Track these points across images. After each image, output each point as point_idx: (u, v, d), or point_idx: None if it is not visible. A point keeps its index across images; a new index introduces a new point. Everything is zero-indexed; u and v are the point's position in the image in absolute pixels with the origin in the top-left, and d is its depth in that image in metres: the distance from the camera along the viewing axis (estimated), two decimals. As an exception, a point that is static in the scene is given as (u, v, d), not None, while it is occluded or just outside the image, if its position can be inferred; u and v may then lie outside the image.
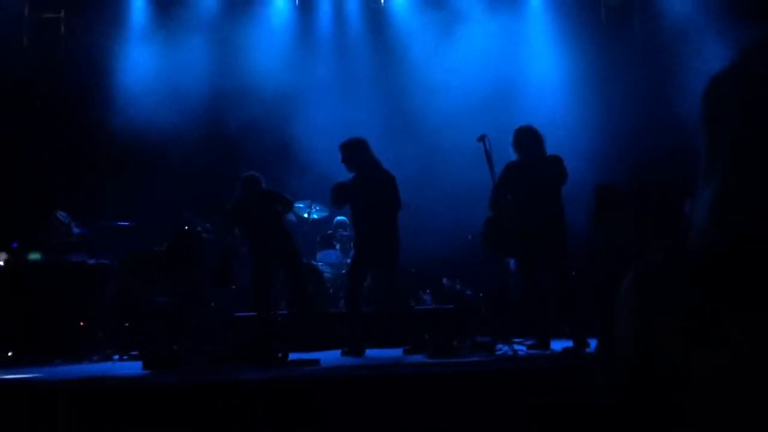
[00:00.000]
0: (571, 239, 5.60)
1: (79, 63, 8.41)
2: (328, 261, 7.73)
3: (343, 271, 7.62)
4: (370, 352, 5.85)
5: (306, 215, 7.82)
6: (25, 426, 3.85)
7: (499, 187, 5.60)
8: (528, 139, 5.64)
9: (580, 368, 4.29)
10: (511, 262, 7.01)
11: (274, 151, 8.19)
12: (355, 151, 6.01)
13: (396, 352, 5.75)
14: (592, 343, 5.32)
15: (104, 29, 8.63)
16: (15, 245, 6.58)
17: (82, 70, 8.48)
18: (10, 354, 6.16)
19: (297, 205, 7.86)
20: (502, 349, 5.21)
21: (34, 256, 6.55)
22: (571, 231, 5.61)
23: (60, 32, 8.56)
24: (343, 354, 5.74)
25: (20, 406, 3.99)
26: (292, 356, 5.41)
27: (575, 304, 5.52)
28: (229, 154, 8.40)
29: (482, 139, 5.51)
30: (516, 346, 5.18)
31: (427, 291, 7.62)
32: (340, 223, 7.96)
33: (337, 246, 7.79)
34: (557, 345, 5.38)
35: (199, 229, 7.22)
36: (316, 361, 5.14)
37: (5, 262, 6.51)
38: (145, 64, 8.76)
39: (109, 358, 6.38)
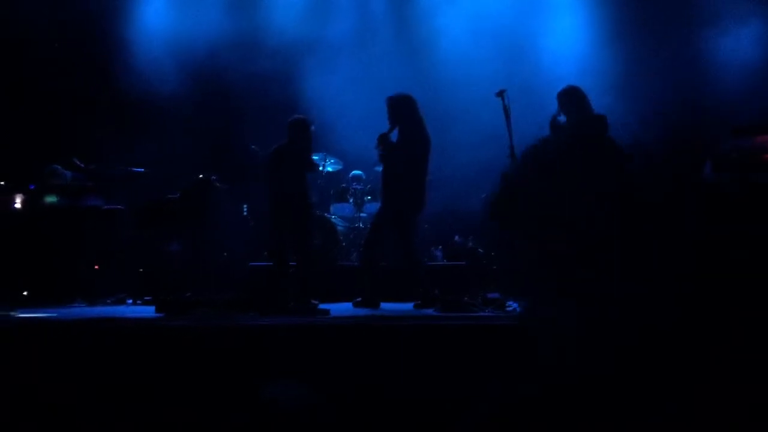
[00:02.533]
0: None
1: (95, 11, 8.35)
2: (341, 214, 7.73)
3: (357, 225, 7.63)
4: (381, 305, 5.87)
5: (320, 168, 7.80)
6: (40, 363, 3.93)
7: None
8: (571, 99, 5.42)
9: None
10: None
11: (289, 104, 8.13)
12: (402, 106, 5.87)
13: (406, 306, 5.78)
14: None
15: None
16: (32, 187, 6.63)
17: (98, 18, 8.44)
18: (25, 293, 6.25)
19: (312, 157, 7.84)
20: (513, 305, 5.22)
21: (51, 198, 6.59)
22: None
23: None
24: (356, 305, 5.76)
25: (35, 344, 4.06)
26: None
27: None
28: (245, 105, 8.37)
29: (501, 94, 5.43)
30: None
31: (439, 247, 7.62)
32: (355, 177, 7.94)
33: (351, 200, 7.77)
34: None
35: (213, 177, 7.23)
36: (326, 312, 5.18)
37: (22, 203, 6.57)
38: (160, 12, 8.69)
39: (122, 302, 6.47)
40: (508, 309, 5.14)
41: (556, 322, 3.71)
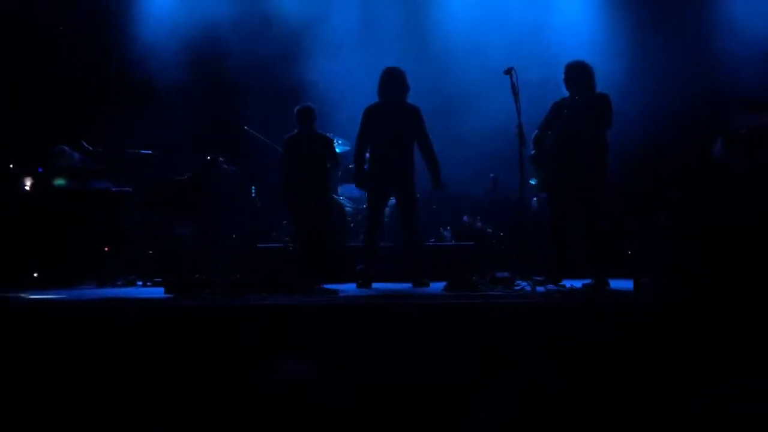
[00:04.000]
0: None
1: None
2: (349, 195, 7.72)
3: (364, 206, 7.62)
4: (381, 286, 5.90)
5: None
6: (50, 343, 3.96)
7: (543, 124, 5.59)
8: (578, 74, 5.48)
9: (598, 305, 4.31)
10: (533, 200, 6.99)
11: (295, 85, 8.10)
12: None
13: (406, 287, 5.80)
14: (613, 282, 5.32)
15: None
16: (41, 170, 6.64)
17: (105, 2, 8.42)
18: (35, 275, 6.29)
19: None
20: (521, 284, 5.21)
21: (59, 181, 6.61)
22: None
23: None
24: (359, 286, 5.79)
25: (45, 325, 4.09)
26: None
27: (599, 246, 5.47)
28: (251, 87, 8.34)
29: (509, 72, 5.38)
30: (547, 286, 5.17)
31: (448, 228, 7.62)
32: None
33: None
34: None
35: (221, 159, 7.23)
36: (335, 292, 5.19)
37: (31, 186, 6.59)
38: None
39: (132, 284, 6.50)
40: (516, 288, 5.14)
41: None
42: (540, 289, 5.05)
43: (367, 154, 6.09)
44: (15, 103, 7.90)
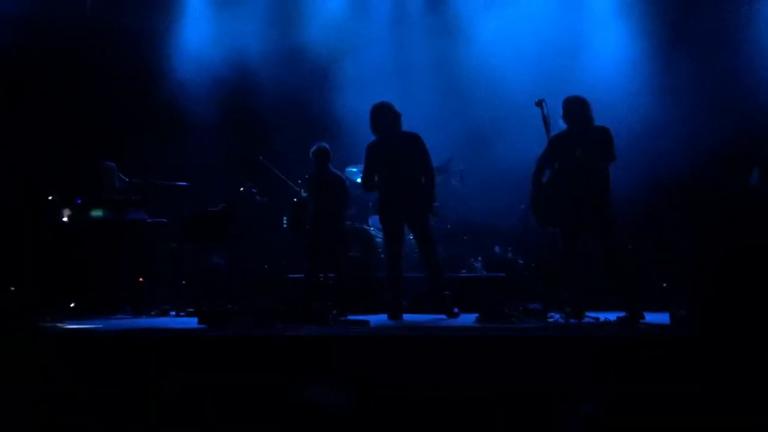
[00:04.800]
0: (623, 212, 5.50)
1: (138, 25, 8.55)
2: (379, 226, 7.74)
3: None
4: (411, 317, 5.88)
5: (359, 180, 7.83)
6: (86, 371, 4.01)
7: (541, 160, 5.55)
8: (575, 109, 5.51)
9: (634, 337, 4.24)
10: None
11: (328, 116, 8.19)
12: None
13: (436, 318, 5.79)
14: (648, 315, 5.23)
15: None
16: (78, 201, 6.79)
17: (141, 32, 8.63)
18: (72, 305, 6.39)
19: (350, 169, 7.90)
20: (554, 316, 5.16)
21: (96, 212, 6.75)
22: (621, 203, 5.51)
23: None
24: (390, 318, 5.79)
25: (82, 354, 4.15)
26: (342, 318, 5.49)
27: (626, 276, 5.40)
28: (286, 120, 8.45)
29: (540, 103, 5.39)
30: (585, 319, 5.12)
31: (479, 259, 7.58)
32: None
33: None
34: (611, 316, 5.29)
35: (253, 190, 7.32)
36: (365, 322, 5.19)
37: (69, 218, 6.73)
38: (203, 27, 8.86)
39: (166, 314, 6.57)
40: (549, 320, 5.08)
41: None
42: (573, 321, 4.99)
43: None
44: (53, 136, 8.09)
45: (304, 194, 6.84)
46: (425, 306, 6.22)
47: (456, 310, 5.81)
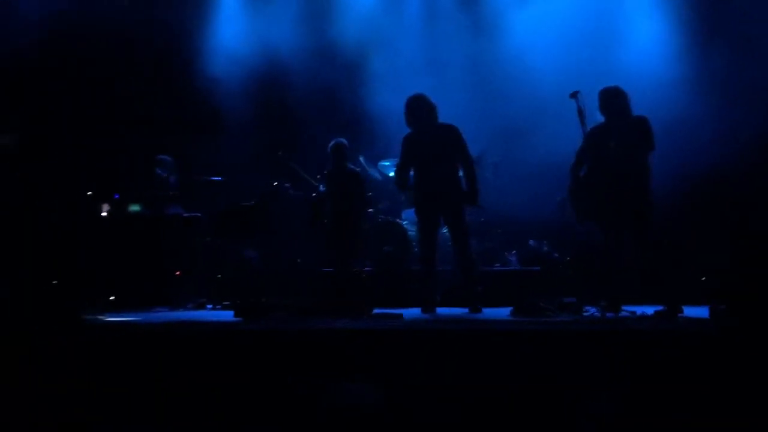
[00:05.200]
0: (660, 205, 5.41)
1: (173, 21, 8.65)
2: (413, 220, 7.72)
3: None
4: (445, 311, 5.87)
5: (391, 174, 7.83)
6: (126, 363, 4.09)
7: (580, 153, 5.48)
8: (612, 100, 5.43)
9: (673, 331, 4.18)
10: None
11: (360, 111, 8.20)
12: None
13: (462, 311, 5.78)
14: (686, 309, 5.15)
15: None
16: (117, 197, 6.92)
17: (178, 29, 8.73)
18: (112, 298, 6.53)
19: (383, 163, 7.90)
20: (590, 310, 5.10)
21: (134, 207, 6.87)
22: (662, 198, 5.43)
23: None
24: (423, 311, 5.79)
25: (121, 346, 4.24)
26: (376, 311, 5.50)
27: (663, 270, 5.32)
28: (319, 115, 8.48)
29: (574, 95, 5.32)
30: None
31: (513, 252, 7.52)
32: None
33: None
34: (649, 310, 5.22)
35: (286, 185, 7.38)
36: (399, 316, 5.20)
37: (108, 213, 6.87)
38: (236, 23, 8.92)
39: (202, 307, 6.67)
40: (585, 314, 5.03)
41: None
42: (609, 315, 4.93)
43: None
44: (90, 131, 8.23)
45: (322, 189, 6.88)
46: (457, 300, 6.20)
47: (479, 305, 5.77)
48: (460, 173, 5.99)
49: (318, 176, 7.22)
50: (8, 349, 4.07)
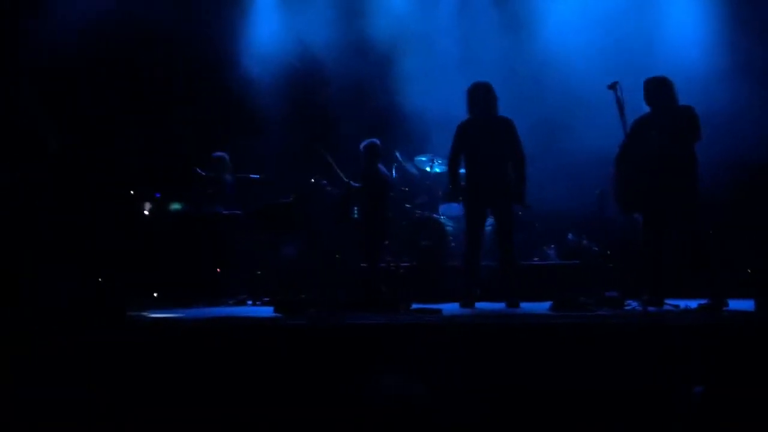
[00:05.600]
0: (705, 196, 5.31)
1: (213, 23, 8.76)
2: (449, 214, 7.72)
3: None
4: (484, 305, 5.85)
5: (428, 169, 7.83)
6: (169, 357, 4.18)
7: (624, 144, 5.40)
8: (657, 90, 5.34)
9: (718, 325, 4.09)
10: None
11: (396, 106, 8.20)
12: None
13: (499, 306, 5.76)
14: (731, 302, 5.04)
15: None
16: (158, 195, 7.04)
17: (215, 30, 8.84)
18: (155, 295, 6.66)
19: (419, 158, 7.90)
20: (631, 304, 5.03)
21: (175, 206, 6.99)
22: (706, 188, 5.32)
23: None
24: (462, 306, 5.77)
25: (164, 341, 4.32)
26: (414, 306, 5.51)
27: (710, 261, 5.22)
28: (354, 111, 8.50)
29: (614, 86, 5.24)
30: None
31: (552, 246, 7.46)
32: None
33: (460, 199, 7.73)
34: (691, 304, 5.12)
35: (324, 182, 7.42)
36: (437, 311, 5.20)
37: (149, 211, 7.00)
38: (272, 21, 9.01)
39: (242, 303, 6.76)
40: (626, 308, 4.96)
41: None
42: (652, 309, 4.85)
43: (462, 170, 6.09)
44: (131, 131, 8.38)
45: (354, 185, 6.93)
46: (495, 294, 6.17)
47: (516, 300, 5.72)
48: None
49: (351, 174, 7.28)
50: (55, 345, 4.18)
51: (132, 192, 7.19)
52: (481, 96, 5.89)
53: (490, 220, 6.36)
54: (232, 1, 8.93)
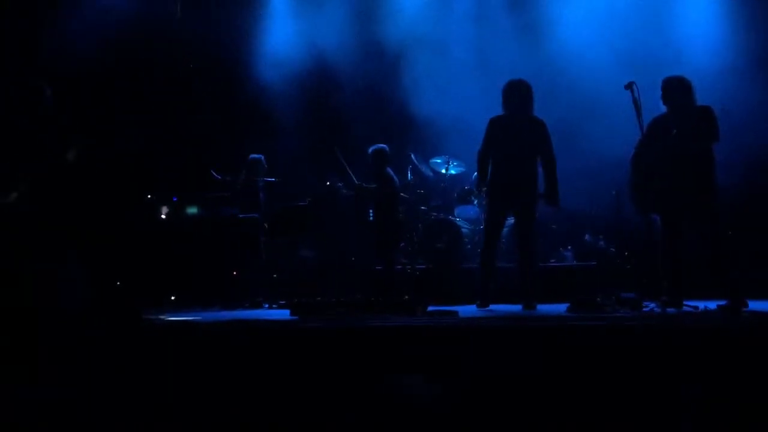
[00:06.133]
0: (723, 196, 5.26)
1: (228, 27, 8.82)
2: (465, 216, 7.70)
3: (481, 227, 7.58)
4: (500, 307, 5.82)
5: (444, 171, 7.82)
6: (186, 360, 4.19)
7: (641, 144, 5.35)
8: (675, 90, 5.29)
9: (738, 327, 4.04)
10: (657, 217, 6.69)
11: (411, 110, 8.20)
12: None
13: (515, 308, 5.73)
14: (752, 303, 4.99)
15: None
16: (175, 199, 7.09)
17: (230, 35, 8.90)
18: (173, 298, 6.70)
19: (434, 160, 7.89)
20: (649, 306, 4.98)
21: (192, 209, 7.03)
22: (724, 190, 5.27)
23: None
24: (478, 307, 5.75)
25: (182, 344, 4.34)
26: (431, 308, 5.49)
27: (729, 262, 5.17)
28: (369, 114, 8.52)
29: (630, 86, 5.19)
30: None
31: (569, 247, 7.42)
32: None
33: (475, 201, 7.72)
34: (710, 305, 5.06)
35: (339, 184, 7.44)
36: (454, 313, 5.18)
37: (167, 215, 7.05)
38: (286, 26, 9.05)
39: (259, 306, 6.78)
40: (644, 309, 4.92)
41: None
42: (671, 310, 4.81)
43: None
44: (147, 138, 8.44)
45: (366, 186, 6.99)
46: (513, 296, 6.14)
47: (534, 302, 5.68)
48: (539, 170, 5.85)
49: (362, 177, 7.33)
50: (73, 347, 4.21)
51: (149, 196, 7.23)
52: (517, 93, 5.81)
53: (509, 221, 6.32)
54: (247, 7, 8.98)
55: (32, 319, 4.39)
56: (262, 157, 7.39)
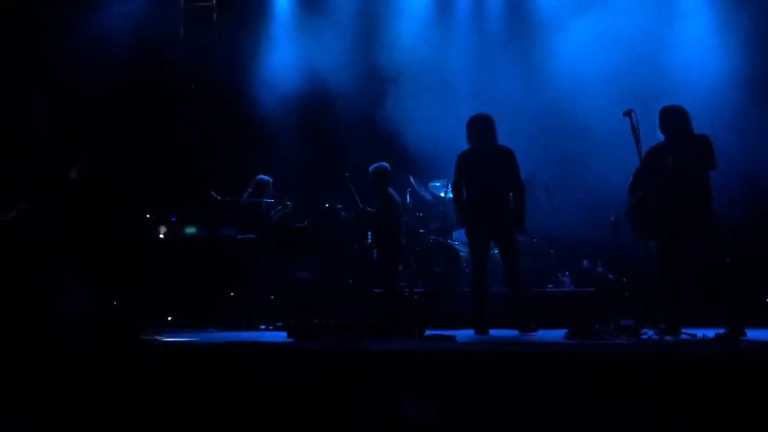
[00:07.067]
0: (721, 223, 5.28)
1: (229, 49, 8.89)
2: (463, 240, 7.68)
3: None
4: (498, 333, 5.80)
5: (442, 194, 7.84)
6: (183, 382, 4.17)
7: (638, 174, 5.38)
8: (672, 118, 5.34)
9: (735, 355, 4.03)
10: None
11: (410, 133, 8.24)
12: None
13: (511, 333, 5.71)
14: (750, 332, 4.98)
15: (251, 16, 9.05)
16: (174, 219, 7.09)
17: (231, 57, 8.97)
18: (169, 319, 6.67)
19: (433, 184, 7.92)
20: (648, 333, 4.97)
21: (190, 230, 7.03)
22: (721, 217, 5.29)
23: (212, 20, 9.06)
24: (476, 333, 5.74)
25: (178, 365, 4.32)
26: (428, 333, 5.47)
27: (729, 290, 5.17)
28: (368, 136, 8.56)
29: (628, 113, 5.24)
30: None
31: (567, 273, 7.41)
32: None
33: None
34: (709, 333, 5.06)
35: (338, 206, 7.45)
36: (452, 338, 5.17)
37: (165, 235, 7.04)
38: (286, 51, 9.12)
39: (256, 327, 6.75)
40: (643, 337, 4.91)
41: None
42: (669, 338, 4.80)
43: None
44: (146, 159, 8.47)
45: (370, 210, 7.00)
46: (507, 321, 6.13)
47: (532, 324, 5.69)
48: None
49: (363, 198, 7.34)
50: (70, 368, 4.19)
51: (148, 216, 7.24)
52: (479, 126, 5.98)
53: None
54: (247, 30, 9.06)
55: (29, 338, 4.37)
56: (271, 181, 7.40)
